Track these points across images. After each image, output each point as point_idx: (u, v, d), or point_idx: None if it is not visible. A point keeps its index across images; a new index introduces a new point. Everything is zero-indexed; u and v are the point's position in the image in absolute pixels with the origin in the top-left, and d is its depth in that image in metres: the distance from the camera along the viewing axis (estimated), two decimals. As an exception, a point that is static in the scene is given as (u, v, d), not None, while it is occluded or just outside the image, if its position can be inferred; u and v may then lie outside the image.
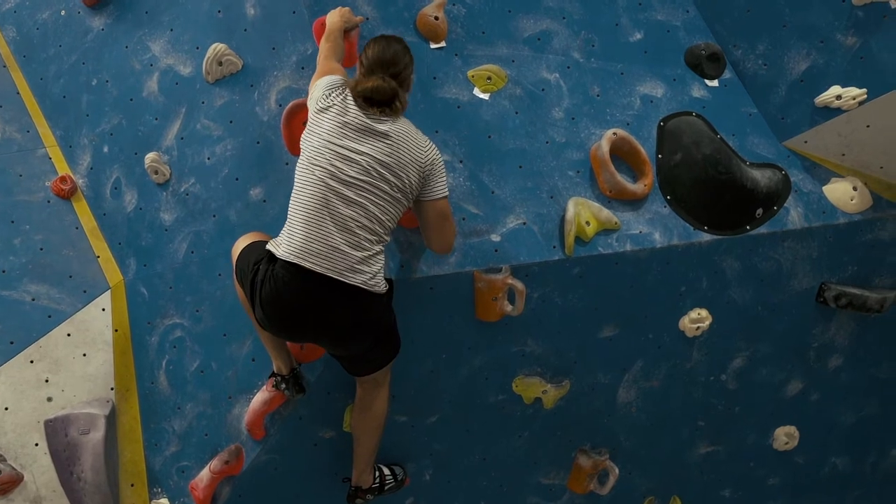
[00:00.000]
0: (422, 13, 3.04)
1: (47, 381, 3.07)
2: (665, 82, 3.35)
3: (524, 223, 2.95)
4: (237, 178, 3.05)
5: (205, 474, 3.01)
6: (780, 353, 3.50)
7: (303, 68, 2.96)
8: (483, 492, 3.42)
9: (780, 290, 3.35)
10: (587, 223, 2.96)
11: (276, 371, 2.83)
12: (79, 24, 3.54)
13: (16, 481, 2.98)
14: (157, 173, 3.21)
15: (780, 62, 3.34)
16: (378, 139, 2.44)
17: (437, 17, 3.03)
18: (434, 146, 2.56)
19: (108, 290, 3.26)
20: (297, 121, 2.86)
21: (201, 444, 3.10)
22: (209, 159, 3.12)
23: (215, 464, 2.98)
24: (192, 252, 3.14)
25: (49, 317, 3.13)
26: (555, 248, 2.96)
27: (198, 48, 3.17)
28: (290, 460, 3.05)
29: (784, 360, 3.53)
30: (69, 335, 3.13)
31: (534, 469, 3.45)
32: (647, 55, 3.38)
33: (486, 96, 3.09)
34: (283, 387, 2.80)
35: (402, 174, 2.45)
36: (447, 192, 2.60)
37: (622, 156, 3.13)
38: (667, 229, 3.10)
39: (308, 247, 2.39)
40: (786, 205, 3.24)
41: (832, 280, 3.40)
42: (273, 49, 3.02)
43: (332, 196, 2.40)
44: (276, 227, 2.57)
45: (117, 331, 3.21)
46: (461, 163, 2.96)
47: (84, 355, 3.13)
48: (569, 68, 3.25)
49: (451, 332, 2.98)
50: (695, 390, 3.47)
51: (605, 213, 3.01)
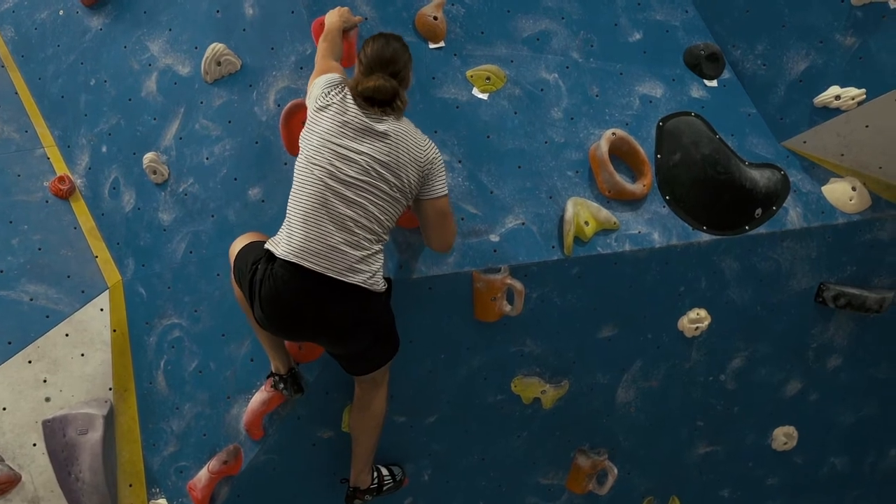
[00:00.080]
0: (420, 13, 3.04)
1: (45, 381, 3.07)
2: (664, 82, 3.35)
3: (523, 223, 2.95)
4: (236, 178, 3.05)
5: (203, 474, 3.01)
6: (778, 353, 3.50)
7: (301, 68, 2.96)
8: (482, 492, 3.42)
9: (779, 290, 3.35)
10: (586, 223, 2.96)
11: (274, 371, 2.82)
12: (77, 24, 3.54)
13: (14, 481, 2.98)
14: (155, 173, 3.21)
15: (779, 62, 3.34)
16: (377, 139, 2.43)
17: (435, 17, 3.03)
18: (433, 145, 2.56)
19: (107, 291, 3.26)
20: (295, 121, 2.86)
21: (200, 444, 3.10)
22: (208, 159, 3.11)
23: (214, 464, 2.98)
24: (191, 252, 3.13)
25: (47, 317, 3.12)
26: (554, 248, 2.96)
27: (196, 48, 3.17)
28: (288, 460, 3.05)
29: (783, 360, 3.53)
30: (67, 335, 3.12)
31: (532, 469, 3.44)
32: (646, 55, 3.38)
33: (484, 96, 3.08)
34: (282, 386, 2.79)
35: (401, 174, 2.45)
36: (447, 191, 2.59)
37: (621, 156, 3.13)
38: (666, 229, 3.10)
39: (307, 246, 2.39)
40: (785, 205, 3.24)
41: (831, 280, 3.40)
42: (272, 49, 3.02)
43: (331, 196, 2.39)
44: (274, 227, 2.56)
45: (115, 331, 3.21)
46: (460, 163, 2.96)
47: (82, 355, 3.13)
48: (568, 68, 3.24)
49: (449, 332, 2.98)
50: (694, 390, 3.47)
51: (604, 213, 3.01)
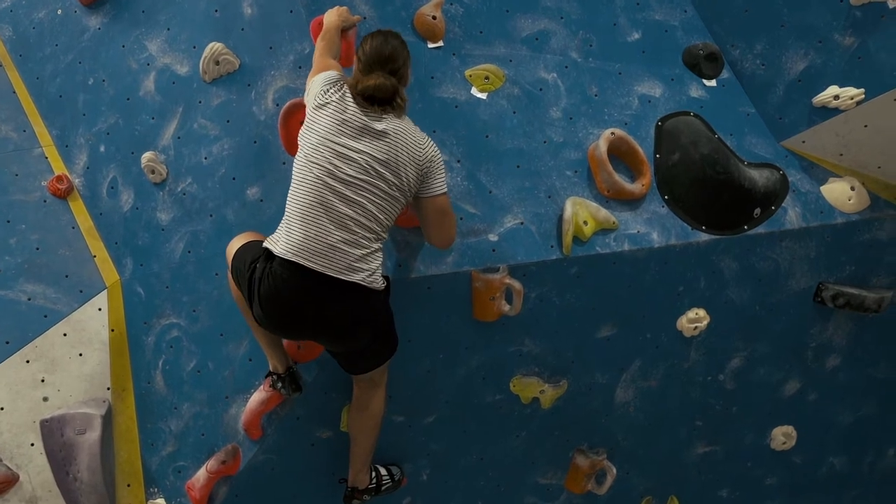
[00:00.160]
0: (419, 12, 3.03)
1: (43, 380, 3.06)
2: (663, 82, 3.34)
3: (522, 223, 2.95)
4: (234, 178, 3.05)
5: (201, 474, 3.01)
6: (777, 352, 3.50)
7: (300, 68, 2.95)
8: (480, 492, 3.42)
9: (777, 289, 3.35)
10: (585, 223, 2.95)
11: (272, 370, 2.82)
12: (75, 24, 3.53)
13: (11, 481, 2.97)
14: (153, 173, 3.21)
15: (777, 62, 3.34)
16: (376, 138, 2.43)
17: (434, 17, 3.03)
18: (432, 143, 2.56)
19: (105, 290, 3.25)
20: (294, 120, 2.85)
21: (198, 444, 3.09)
22: (206, 159, 3.11)
23: (212, 464, 2.98)
24: (189, 252, 3.13)
25: (45, 316, 3.12)
26: (552, 247, 2.96)
27: (195, 47, 3.16)
28: (287, 460, 3.04)
29: (782, 359, 3.53)
30: (65, 335, 3.12)
31: (531, 469, 3.44)
32: (644, 55, 3.37)
33: (483, 96, 3.08)
34: (280, 385, 2.79)
35: (400, 172, 2.44)
36: (446, 189, 2.59)
37: (620, 155, 3.12)
38: (665, 229, 3.10)
39: (306, 245, 2.38)
40: (784, 205, 3.24)
41: (830, 280, 3.39)
42: (270, 48, 3.02)
43: (330, 194, 2.39)
44: (273, 227, 2.55)
45: (114, 330, 3.20)
46: (459, 162, 2.96)
47: (80, 355, 3.12)
48: (567, 68, 3.24)
49: (448, 331, 2.98)
50: (692, 390, 3.47)
51: (603, 212, 3.01)
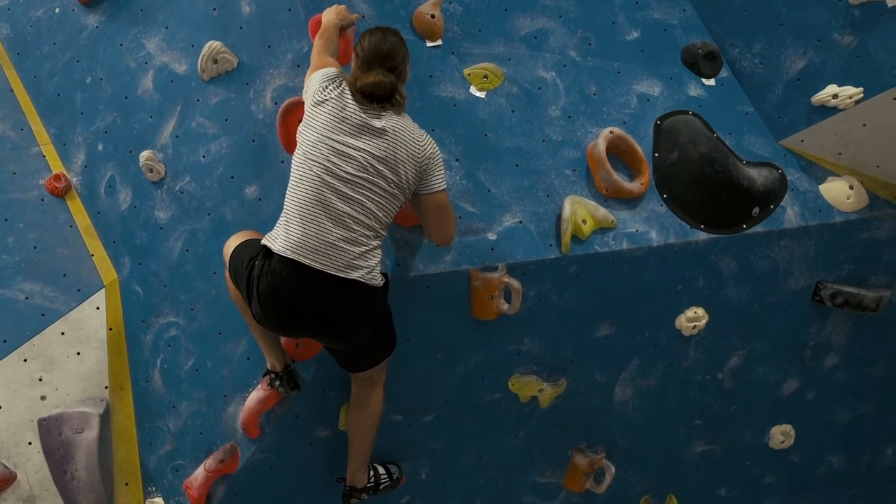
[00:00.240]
0: (418, 11, 3.03)
1: (41, 379, 3.06)
2: (662, 81, 3.34)
3: (520, 222, 2.95)
4: (232, 177, 3.04)
5: (200, 473, 3.00)
6: (776, 351, 3.50)
7: (298, 66, 2.95)
8: (479, 490, 3.42)
9: (776, 288, 3.35)
10: (584, 222, 2.95)
11: (270, 368, 2.82)
12: (73, 22, 3.52)
13: (9, 480, 2.97)
14: (151, 171, 3.20)
15: (776, 61, 3.34)
16: (375, 135, 2.42)
17: (433, 16, 3.02)
18: (431, 140, 2.55)
19: (103, 289, 3.24)
20: (292, 119, 2.84)
21: (196, 442, 3.09)
22: (204, 157, 3.10)
23: (210, 463, 2.97)
24: (187, 250, 3.12)
25: (43, 315, 3.11)
26: (551, 246, 2.95)
27: (193, 46, 3.16)
28: (285, 459, 3.04)
29: (780, 358, 3.53)
30: (63, 334, 3.11)
31: (530, 468, 3.44)
32: (643, 54, 3.37)
33: (482, 95, 3.08)
34: (278, 384, 2.78)
35: (399, 170, 2.44)
36: (445, 185, 2.59)
37: (619, 154, 3.12)
38: (663, 228, 3.10)
39: (305, 242, 2.38)
40: (782, 203, 3.24)
41: (828, 279, 3.40)
42: (269, 47, 3.01)
43: (328, 192, 2.39)
44: (271, 226, 2.55)
45: (112, 329, 3.20)
46: (457, 161, 2.95)
47: (78, 354, 3.11)
48: (565, 67, 3.24)
49: (447, 330, 2.98)
50: (691, 389, 3.47)
51: (602, 211, 3.01)
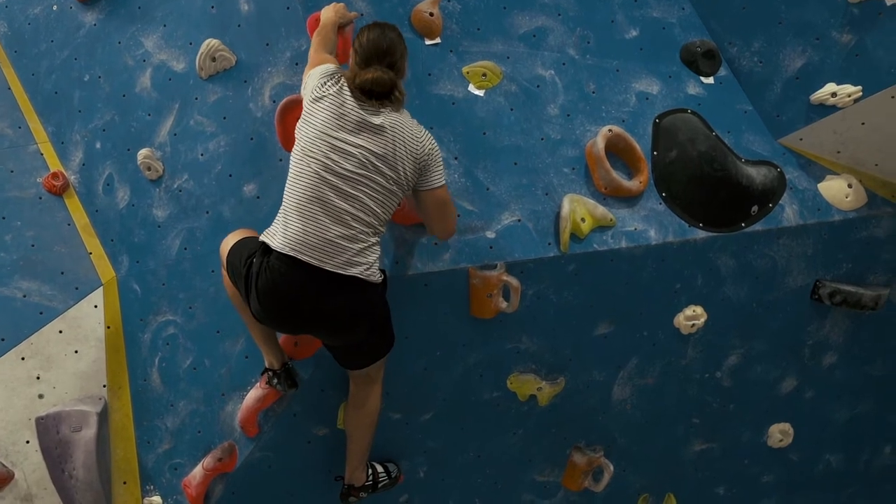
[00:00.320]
0: (416, 9, 3.03)
1: (39, 378, 3.05)
2: (660, 79, 3.34)
3: (519, 220, 2.95)
4: (231, 175, 3.04)
5: (198, 472, 3.00)
6: (774, 350, 3.50)
7: (297, 64, 2.94)
8: (477, 489, 3.42)
9: (774, 287, 3.35)
10: (582, 220, 2.95)
11: (267, 366, 2.81)
12: (71, 20, 3.51)
13: (6, 479, 2.96)
14: (149, 169, 3.19)
15: (775, 59, 3.33)
16: (373, 132, 2.42)
17: (431, 14, 3.02)
18: (429, 136, 2.55)
19: (101, 287, 3.24)
20: (291, 117, 2.84)
21: (194, 441, 3.09)
22: (202, 155, 3.10)
23: (208, 461, 2.97)
24: (186, 249, 3.12)
25: (41, 313, 3.10)
26: (550, 244, 2.95)
27: (191, 44, 3.15)
28: (283, 458, 3.04)
29: (779, 357, 3.53)
30: (61, 332, 3.10)
31: (528, 466, 3.44)
32: (642, 52, 3.37)
33: (481, 93, 3.08)
34: (275, 381, 2.78)
35: (397, 167, 2.44)
36: (445, 181, 2.59)
37: (617, 153, 3.12)
38: (662, 226, 3.10)
39: (304, 239, 2.38)
40: (781, 202, 3.24)
41: (827, 277, 3.40)
42: (267, 45, 3.01)
43: (327, 189, 2.38)
44: (269, 224, 2.54)
45: (109, 328, 3.19)
46: (456, 159, 2.95)
47: (76, 352, 3.11)
48: (564, 65, 3.24)
49: (445, 329, 2.98)
50: (689, 387, 3.47)
51: (601, 209, 3.01)
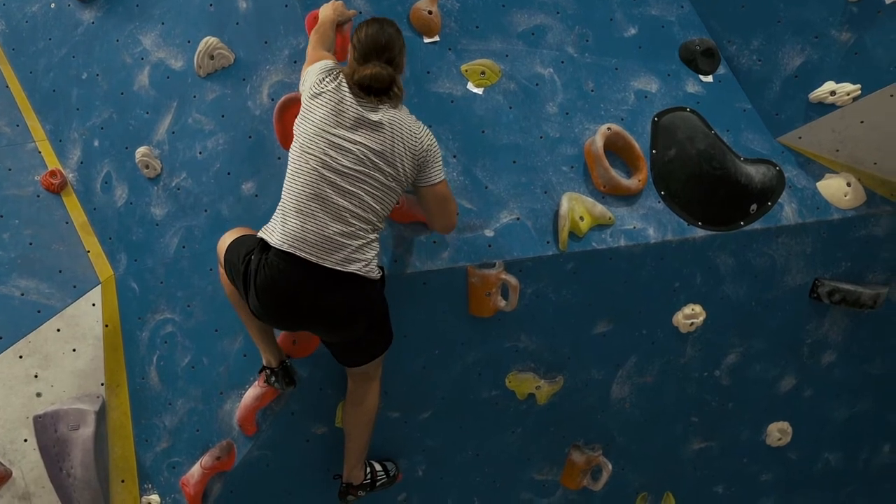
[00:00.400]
0: (415, 7, 3.02)
1: (36, 376, 3.05)
2: (659, 77, 3.34)
3: (518, 218, 2.94)
4: (229, 173, 3.03)
5: (196, 470, 3.00)
6: (773, 349, 3.50)
7: (295, 62, 2.94)
8: (476, 488, 3.42)
9: (773, 286, 3.35)
10: (581, 218, 2.95)
11: (265, 364, 2.81)
12: (69, 18, 3.50)
13: (4, 477, 2.96)
14: (147, 168, 3.19)
15: (774, 58, 3.33)
16: (372, 128, 2.42)
17: (430, 12, 3.02)
18: (428, 132, 2.54)
19: (99, 285, 3.23)
20: (289, 115, 2.84)
21: (192, 439, 3.08)
22: (201, 154, 3.09)
23: (206, 460, 2.97)
24: (184, 247, 3.11)
25: (38, 312, 3.10)
26: (548, 243, 2.95)
27: (189, 42, 3.15)
28: (281, 456, 3.04)
29: (777, 356, 3.53)
30: (59, 330, 3.10)
31: (527, 465, 3.44)
32: (641, 50, 3.37)
33: (479, 91, 3.07)
34: (273, 379, 2.78)
35: (396, 163, 2.44)
36: (444, 176, 2.59)
37: (616, 151, 3.12)
38: (661, 225, 3.10)
39: (303, 236, 2.38)
40: (780, 200, 3.24)
41: (826, 276, 3.40)
42: (265, 43, 3.00)
43: (325, 186, 2.38)
44: (268, 222, 2.54)
45: (108, 326, 3.19)
46: (455, 157, 2.95)
47: (74, 350, 3.10)
48: (563, 63, 3.23)
49: (443, 327, 2.97)
50: (688, 386, 3.47)
51: (599, 208, 3.00)
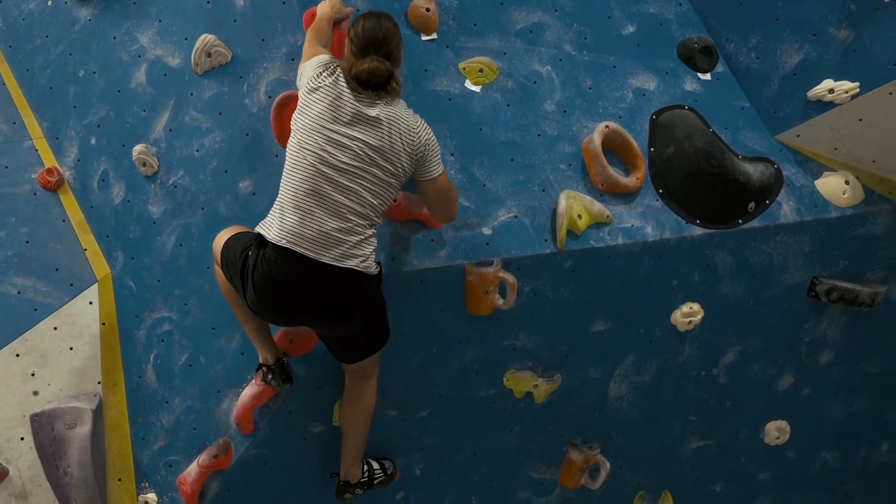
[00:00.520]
0: (413, 5, 3.01)
1: (33, 374, 3.04)
2: (657, 75, 3.33)
3: (516, 216, 2.94)
4: (226, 171, 3.03)
5: (193, 469, 2.99)
6: (771, 347, 3.50)
7: (292, 60, 2.93)
8: (474, 486, 3.41)
9: (771, 284, 3.35)
10: (579, 216, 2.94)
11: (262, 362, 2.80)
12: (66, 15, 3.49)
13: (1, 476, 2.95)
14: (144, 165, 3.18)
15: (772, 56, 3.33)
16: (370, 124, 2.41)
17: (428, 9, 3.01)
18: (425, 126, 2.54)
19: (96, 284, 3.23)
20: (286, 112, 2.83)
21: (189, 438, 3.08)
22: (198, 151, 3.09)
23: (204, 458, 2.97)
24: (181, 245, 3.11)
25: (35, 310, 3.09)
26: (546, 241, 2.95)
27: (186, 39, 3.14)
28: (279, 455, 3.03)
29: (775, 354, 3.53)
30: (56, 329, 3.09)
31: (525, 464, 3.44)
32: (639, 48, 3.36)
33: (477, 89, 3.07)
34: (270, 377, 2.77)
35: (393, 159, 2.43)
36: (443, 168, 2.58)
37: (614, 149, 3.11)
38: (659, 223, 3.10)
39: (300, 231, 2.37)
40: (778, 199, 3.23)
41: (824, 274, 3.39)
42: (263, 40, 2.99)
43: (323, 181, 2.38)
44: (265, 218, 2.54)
45: (104, 324, 3.18)
46: (452, 155, 2.94)
47: (71, 349, 3.10)
48: (561, 61, 3.23)
49: (441, 325, 2.97)
50: (686, 385, 3.47)
51: (597, 206, 3.00)
